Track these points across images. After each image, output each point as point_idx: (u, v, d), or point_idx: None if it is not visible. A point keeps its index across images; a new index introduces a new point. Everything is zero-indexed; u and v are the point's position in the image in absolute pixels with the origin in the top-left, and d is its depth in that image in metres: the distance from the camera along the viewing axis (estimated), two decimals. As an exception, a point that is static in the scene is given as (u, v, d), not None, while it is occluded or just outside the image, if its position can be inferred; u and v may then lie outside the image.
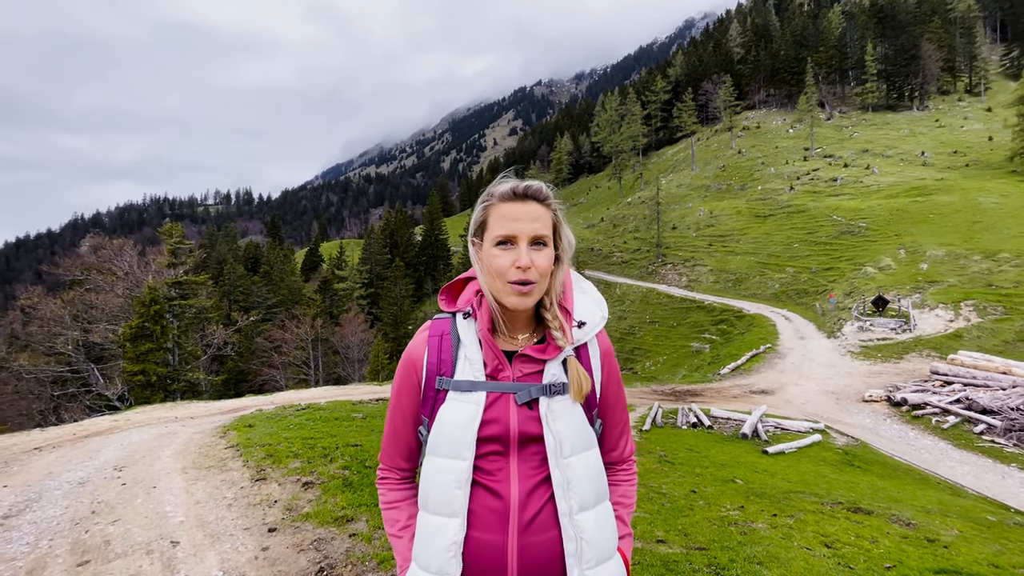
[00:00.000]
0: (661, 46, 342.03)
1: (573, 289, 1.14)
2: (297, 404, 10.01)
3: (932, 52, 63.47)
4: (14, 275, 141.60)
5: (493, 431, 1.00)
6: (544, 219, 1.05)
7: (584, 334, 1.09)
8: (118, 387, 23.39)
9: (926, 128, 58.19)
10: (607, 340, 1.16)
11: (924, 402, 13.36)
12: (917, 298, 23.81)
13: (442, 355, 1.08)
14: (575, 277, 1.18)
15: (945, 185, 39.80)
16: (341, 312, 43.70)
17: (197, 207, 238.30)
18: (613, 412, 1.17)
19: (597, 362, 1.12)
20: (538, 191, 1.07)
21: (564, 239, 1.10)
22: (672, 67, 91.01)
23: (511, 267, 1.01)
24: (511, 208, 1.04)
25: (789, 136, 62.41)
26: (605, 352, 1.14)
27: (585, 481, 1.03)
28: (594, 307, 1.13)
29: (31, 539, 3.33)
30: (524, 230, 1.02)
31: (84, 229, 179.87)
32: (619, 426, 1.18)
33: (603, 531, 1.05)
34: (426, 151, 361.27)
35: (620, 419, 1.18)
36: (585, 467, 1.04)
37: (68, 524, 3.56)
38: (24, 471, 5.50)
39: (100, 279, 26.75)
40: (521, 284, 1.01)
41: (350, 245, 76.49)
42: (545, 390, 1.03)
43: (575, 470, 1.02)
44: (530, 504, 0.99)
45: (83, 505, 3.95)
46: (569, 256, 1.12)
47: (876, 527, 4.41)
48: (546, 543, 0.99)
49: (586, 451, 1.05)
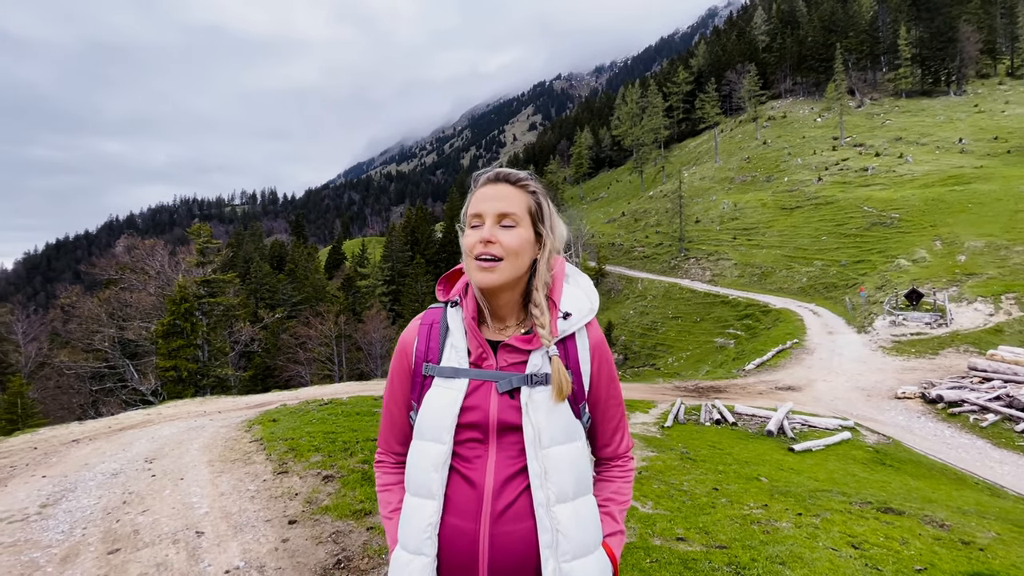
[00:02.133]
0: (683, 36, 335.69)
1: (564, 280, 1.14)
2: (320, 399, 10.20)
3: (970, 34, 60.61)
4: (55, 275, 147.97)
5: (472, 418, 1.02)
6: (514, 199, 1.07)
7: (570, 325, 1.08)
8: (152, 382, 24.26)
9: (964, 113, 55.70)
10: (598, 332, 1.13)
11: (961, 399, 12.86)
12: (954, 291, 22.88)
13: (430, 343, 1.11)
14: (570, 270, 1.18)
15: (985, 173, 38.08)
16: (364, 309, 44.34)
17: (224, 207, 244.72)
18: (605, 406, 1.14)
19: (586, 354, 1.10)
20: (510, 175, 1.10)
21: (547, 225, 1.10)
22: (694, 57, 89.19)
23: (476, 242, 1.05)
24: (483, 190, 1.09)
25: (817, 125, 60.56)
26: (595, 344, 1.12)
27: (564, 473, 1.01)
28: (583, 299, 1.12)
29: (66, 527, 3.46)
30: (489, 208, 1.06)
31: (119, 230, 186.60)
32: (613, 421, 1.16)
33: (582, 525, 1.02)
34: (446, 148, 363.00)
35: (614, 414, 1.15)
36: (565, 459, 1.02)
37: (101, 514, 3.69)
38: (62, 462, 5.74)
39: (133, 278, 27.73)
40: (485, 260, 1.03)
41: (372, 243, 77.49)
42: (527, 380, 1.03)
43: (553, 461, 1.01)
44: (504, 493, 1.00)
45: (115, 495, 4.09)
46: (556, 244, 1.12)
47: (907, 528, 4.26)
48: (520, 533, 0.99)
49: (567, 443, 1.03)
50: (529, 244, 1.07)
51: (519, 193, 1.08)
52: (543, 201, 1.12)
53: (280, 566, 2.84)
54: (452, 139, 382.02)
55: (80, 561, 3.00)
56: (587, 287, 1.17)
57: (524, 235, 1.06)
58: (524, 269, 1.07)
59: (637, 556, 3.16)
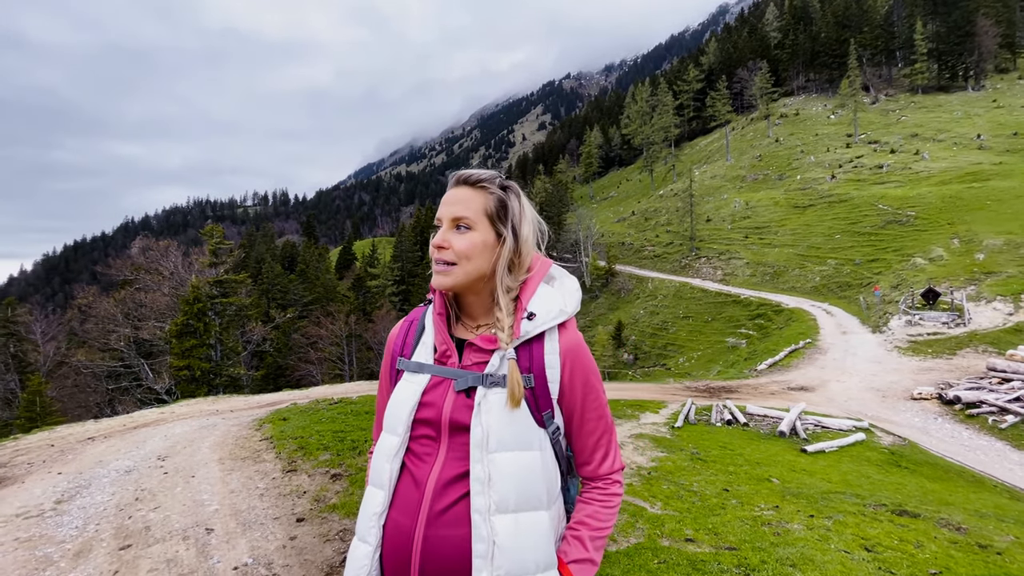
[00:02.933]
0: (693, 34, 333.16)
1: (544, 281, 1.10)
2: (330, 398, 10.27)
3: (989, 28, 59.40)
4: (73, 276, 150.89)
5: (427, 414, 1.02)
6: (469, 202, 1.05)
7: (534, 326, 1.02)
8: (166, 381, 24.64)
9: (982, 109, 54.60)
10: (573, 337, 1.05)
11: (980, 400, 12.61)
12: (972, 290, 22.44)
13: (407, 338, 1.14)
14: (556, 271, 1.14)
15: (1004, 169, 37.30)
16: (374, 309, 44.61)
17: (237, 208, 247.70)
18: (581, 419, 1.05)
19: (554, 358, 1.03)
20: (469, 176, 1.08)
21: (509, 225, 1.06)
22: (705, 55, 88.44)
23: (432, 247, 1.07)
24: (446, 194, 1.09)
25: (830, 122, 59.75)
26: (567, 349, 1.04)
27: (509, 481, 0.96)
28: (555, 299, 1.06)
29: (80, 523, 3.52)
30: (445, 212, 1.07)
31: (134, 232, 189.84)
32: (592, 436, 1.06)
33: (523, 541, 0.95)
34: (455, 148, 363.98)
35: (592, 428, 1.05)
36: (512, 466, 0.96)
37: (114, 510, 3.75)
38: (77, 459, 5.84)
39: (148, 279, 28.18)
40: (439, 264, 1.05)
41: (382, 243, 77.92)
42: (483, 380, 1.00)
43: (499, 467, 0.96)
44: (445, 495, 0.97)
45: (128, 492, 4.15)
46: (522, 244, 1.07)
47: (922, 531, 4.18)
48: (455, 540, 0.95)
49: (518, 450, 0.97)
50: (485, 247, 1.04)
51: (477, 195, 1.06)
52: (509, 200, 1.08)
53: (288, 563, 2.86)
54: (461, 139, 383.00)
55: (92, 556, 3.05)
56: (568, 289, 1.11)
57: (477, 238, 1.04)
58: (482, 271, 1.05)
59: (645, 557, 3.13)
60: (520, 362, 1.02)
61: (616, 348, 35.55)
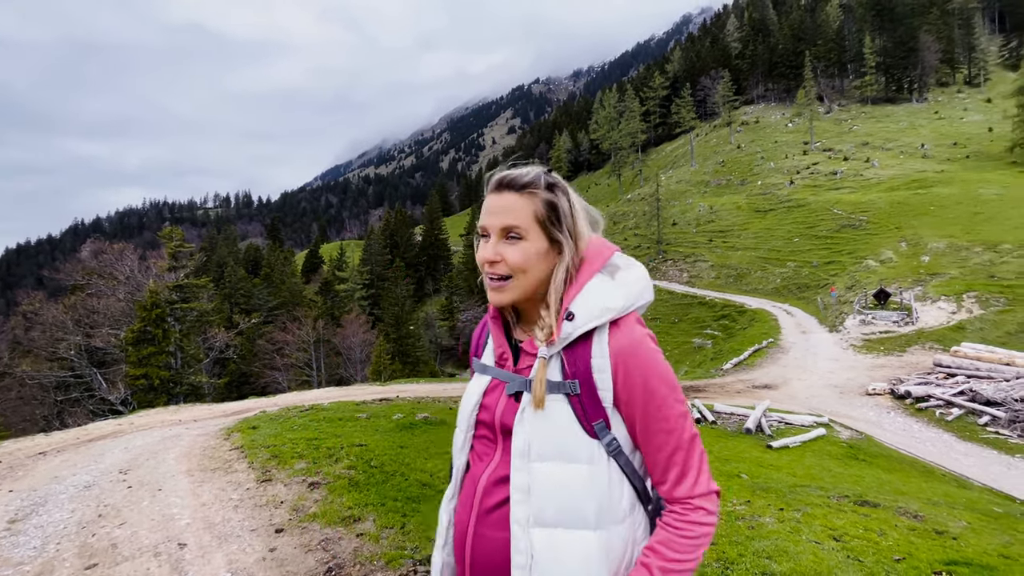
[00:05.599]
0: (659, 42, 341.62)
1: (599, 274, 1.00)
2: (301, 405, 10.01)
3: (931, 44, 63.32)
4: (15, 281, 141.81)
5: (484, 416, 1.02)
6: (519, 210, 0.96)
7: (574, 328, 0.94)
8: (121, 391, 23.43)
9: (926, 120, 58.08)
10: (629, 338, 0.94)
11: (928, 394, 13.35)
12: (919, 290, 23.78)
13: (480, 338, 1.14)
14: (619, 260, 1.04)
15: (946, 177, 39.74)
16: (342, 313, 43.74)
17: (197, 210, 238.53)
18: (645, 432, 0.93)
19: (604, 361, 0.93)
20: (514, 180, 0.99)
21: (566, 228, 0.98)
22: (670, 63, 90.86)
23: (483, 261, 0.99)
24: (488, 201, 1.00)
25: (788, 130, 62.31)
26: (619, 351, 0.93)
27: (547, 493, 0.90)
28: (602, 296, 0.96)
29: (38, 543, 3.32)
30: (493, 223, 0.98)
31: (85, 234, 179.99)
32: (662, 451, 0.92)
33: (562, 561, 0.89)
34: (425, 151, 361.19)
35: (661, 443, 0.92)
36: (551, 479, 0.91)
37: (75, 528, 3.56)
38: (29, 476, 5.50)
39: (102, 284, 26.79)
40: (492, 278, 0.98)
41: (350, 246, 76.51)
42: (527, 384, 0.96)
43: (538, 478, 0.91)
44: (492, 496, 0.97)
45: (89, 509, 3.94)
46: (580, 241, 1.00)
47: (884, 520, 4.40)
48: (498, 542, 0.95)
49: (560, 461, 0.91)
50: (539, 256, 0.97)
51: (524, 200, 0.97)
52: (559, 200, 0.99)
53: (269, 575, 2.78)
54: (431, 142, 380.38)
55: (55, 577, 2.89)
56: (626, 282, 0.99)
57: (531, 248, 0.96)
58: (540, 281, 0.98)
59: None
60: (567, 366, 0.95)
61: (587, 350, 35.97)
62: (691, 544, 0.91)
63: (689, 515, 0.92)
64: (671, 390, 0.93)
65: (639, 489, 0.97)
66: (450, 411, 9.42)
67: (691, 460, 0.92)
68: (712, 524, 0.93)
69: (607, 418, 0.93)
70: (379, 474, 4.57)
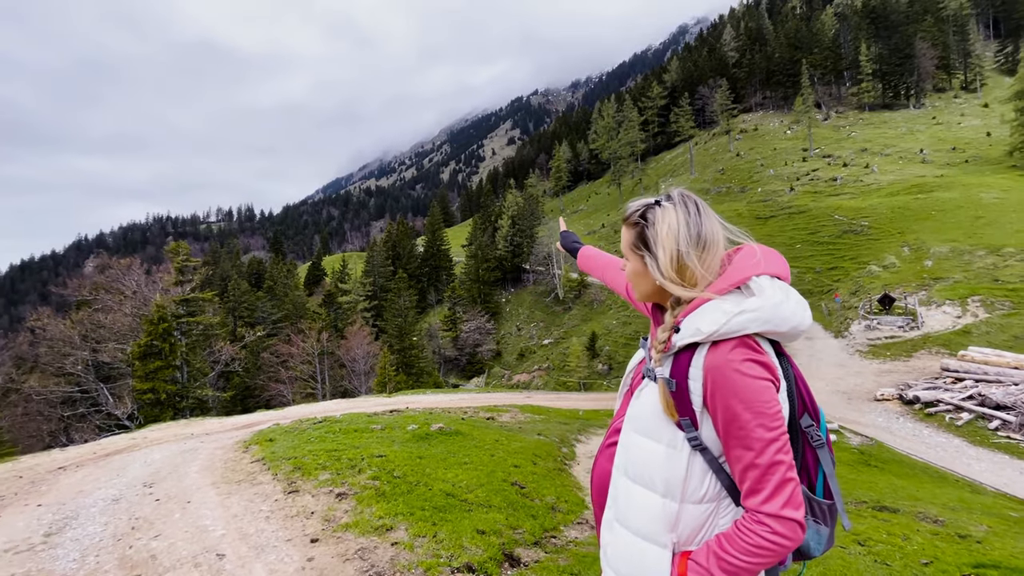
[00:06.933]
0: (656, 52, 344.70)
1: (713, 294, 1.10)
2: (313, 417, 10.05)
3: (926, 50, 63.90)
4: (19, 297, 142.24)
5: (631, 383, 1.30)
6: (623, 238, 1.27)
7: (678, 339, 1.11)
8: (128, 406, 23.45)
9: (923, 126, 58.43)
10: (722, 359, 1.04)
11: (936, 399, 13.33)
12: (923, 295, 23.80)
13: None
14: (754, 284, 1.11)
15: (946, 182, 39.89)
16: (346, 325, 43.73)
17: (200, 225, 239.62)
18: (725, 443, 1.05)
19: (698, 372, 1.07)
20: (625, 213, 1.27)
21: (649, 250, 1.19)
22: (668, 73, 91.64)
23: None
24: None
25: (787, 137, 62.70)
26: (710, 367, 1.05)
27: (630, 455, 1.18)
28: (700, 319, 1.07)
29: (77, 555, 3.38)
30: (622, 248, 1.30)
31: (88, 250, 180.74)
32: (737, 464, 1.03)
33: (629, 503, 1.16)
34: (425, 163, 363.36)
35: (737, 457, 1.03)
36: (636, 447, 1.17)
37: (111, 540, 3.61)
38: (53, 490, 5.55)
39: (108, 298, 26.91)
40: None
41: (352, 258, 76.75)
42: (647, 372, 1.21)
43: (629, 446, 1.19)
44: (610, 438, 1.29)
45: (122, 521, 4.00)
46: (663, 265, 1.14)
47: (905, 525, 4.44)
48: (604, 471, 1.28)
49: (645, 437, 1.15)
50: (638, 275, 1.23)
51: (626, 231, 1.26)
52: (647, 230, 1.19)
53: (308, 585, 2.83)
54: (431, 153, 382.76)
55: (98, 589, 2.94)
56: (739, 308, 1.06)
57: (630, 269, 1.26)
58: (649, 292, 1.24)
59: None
60: (672, 366, 1.13)
61: (591, 359, 35.91)
62: (747, 548, 1.00)
63: (752, 525, 1.01)
64: (754, 416, 1.00)
65: (727, 486, 1.09)
66: (462, 422, 9.46)
67: (764, 481, 1.00)
68: (776, 544, 0.98)
69: (694, 417, 1.09)
70: (403, 484, 4.61)
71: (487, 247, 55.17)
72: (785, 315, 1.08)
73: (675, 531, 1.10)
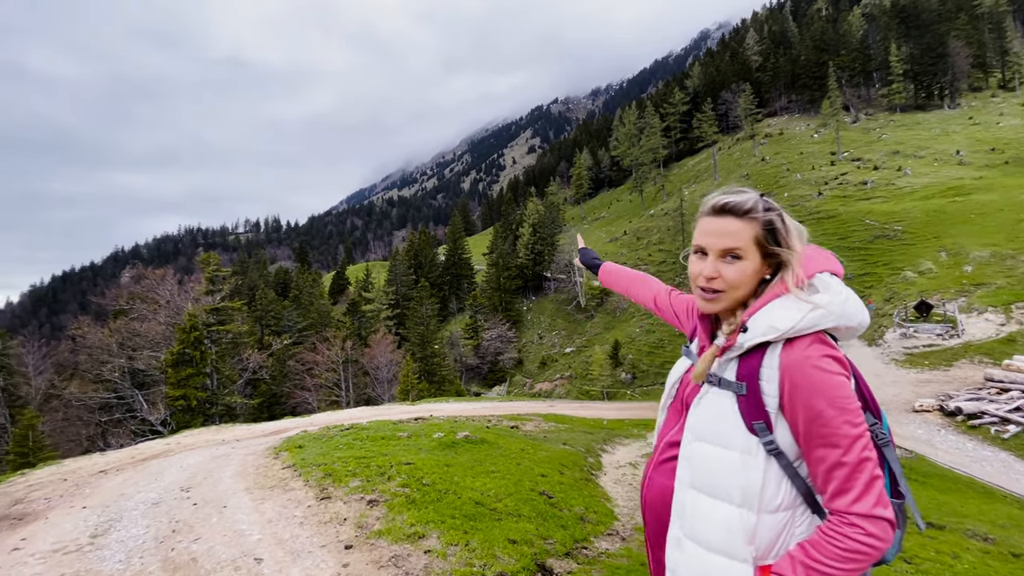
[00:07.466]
0: (676, 58, 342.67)
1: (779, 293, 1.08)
2: (340, 425, 10.18)
3: (961, 49, 61.92)
4: (61, 306, 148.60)
5: (680, 390, 1.26)
6: (739, 234, 1.10)
7: (746, 339, 1.07)
8: (161, 412, 24.18)
9: (959, 126, 56.47)
10: (802, 355, 1.02)
11: (980, 411, 12.77)
12: (963, 301, 22.87)
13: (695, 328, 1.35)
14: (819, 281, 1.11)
15: (985, 184, 38.42)
16: (369, 333, 44.33)
17: (228, 236, 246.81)
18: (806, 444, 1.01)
19: (772, 373, 1.04)
20: (736, 207, 1.11)
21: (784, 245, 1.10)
22: (689, 78, 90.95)
23: (699, 275, 1.15)
24: (707, 222, 1.16)
25: (814, 141, 61.38)
26: (788, 366, 1.02)
27: (703, 468, 1.10)
28: (773, 316, 1.05)
29: (123, 556, 3.49)
30: (714, 244, 1.13)
31: (124, 261, 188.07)
32: (821, 464, 0.99)
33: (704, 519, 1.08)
34: (446, 172, 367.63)
35: (821, 456, 0.99)
36: (704, 457, 1.09)
37: (153, 543, 3.72)
38: (96, 493, 5.75)
39: (143, 308, 27.90)
40: (705, 291, 1.15)
41: (376, 267, 77.92)
42: (708, 377, 1.15)
43: (695, 454, 1.12)
44: (666, 452, 1.23)
45: (163, 524, 4.12)
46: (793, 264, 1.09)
47: (953, 542, 4.25)
48: (662, 487, 1.21)
49: (716, 445, 1.07)
50: (754, 274, 1.11)
51: (746, 225, 1.10)
52: (776, 222, 1.11)
53: (344, 591, 2.86)
54: (452, 163, 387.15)
55: (143, 590, 3.03)
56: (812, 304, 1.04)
57: (748, 268, 1.10)
58: (746, 296, 1.12)
59: None
60: (739, 370, 1.09)
61: (613, 367, 35.54)
62: (838, 553, 0.95)
63: (842, 528, 0.96)
64: (838, 412, 0.98)
65: (803, 492, 1.05)
66: (487, 430, 9.45)
67: (853, 480, 0.96)
68: (869, 546, 0.95)
69: (769, 421, 1.05)
70: (432, 492, 4.64)
71: (508, 255, 55.37)
72: (852, 311, 1.09)
73: (753, 543, 1.03)
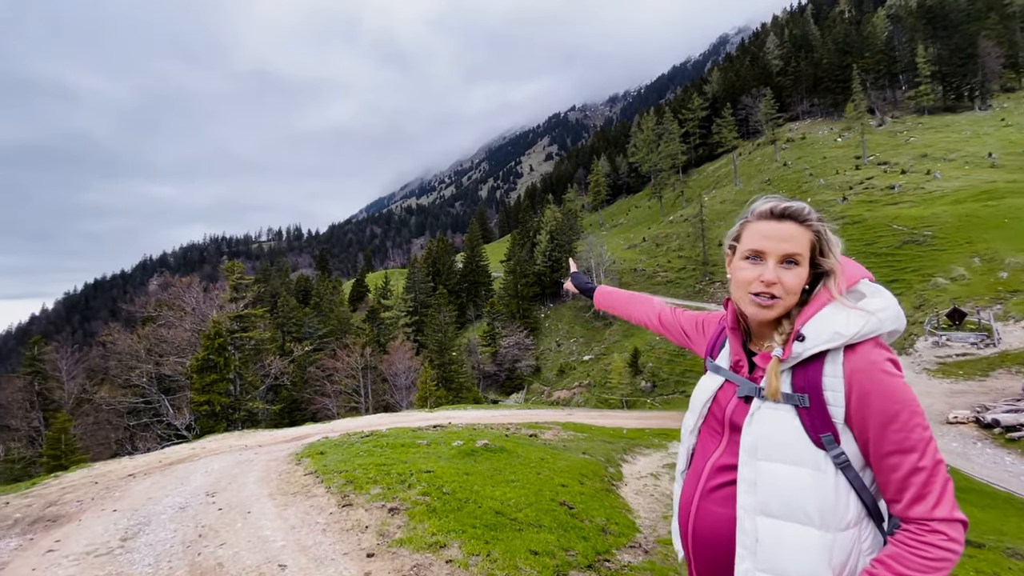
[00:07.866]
0: (695, 64, 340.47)
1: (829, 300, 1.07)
2: (360, 431, 10.27)
3: (991, 49, 60.18)
4: (92, 314, 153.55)
5: (715, 409, 1.18)
6: (800, 238, 1.08)
7: (804, 348, 1.03)
8: (186, 417, 24.72)
9: (991, 128, 54.75)
10: (868, 360, 1.00)
11: (1019, 423, 12.27)
12: (999, 309, 22.06)
13: (717, 340, 1.31)
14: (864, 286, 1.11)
15: (1019, 187, 37.11)
16: (388, 340, 44.74)
17: (251, 244, 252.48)
18: (879, 451, 0.97)
19: (836, 381, 1.00)
20: (797, 212, 1.09)
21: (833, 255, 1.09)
22: (708, 84, 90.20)
23: (755, 280, 1.09)
24: (765, 226, 1.11)
25: (838, 145, 60.18)
26: (855, 371, 0.99)
27: (772, 489, 1.01)
28: (835, 321, 1.03)
29: (151, 560, 3.56)
30: (774, 248, 1.08)
31: (152, 269, 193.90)
32: (897, 471, 0.95)
33: (784, 548, 0.99)
34: (464, 180, 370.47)
35: (897, 463, 0.95)
36: (777, 477, 1.01)
37: (180, 547, 3.79)
38: (126, 497, 5.89)
39: (170, 315, 28.65)
40: (762, 296, 1.09)
41: (394, 275, 78.72)
42: (758, 392, 1.09)
43: (765, 475, 1.03)
44: (717, 477, 1.12)
45: (189, 529, 4.19)
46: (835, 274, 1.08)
47: (993, 561, 4.07)
48: (721, 516, 1.10)
49: (786, 463, 1.01)
50: (804, 280, 1.09)
51: (803, 231, 1.08)
52: (824, 231, 1.09)
53: (366, 599, 2.86)
54: (470, 171, 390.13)
55: (171, 594, 3.08)
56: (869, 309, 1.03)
57: (803, 274, 1.08)
58: (795, 302, 1.09)
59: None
60: (795, 381, 1.05)
61: (633, 376, 35.13)
62: (923, 564, 0.91)
63: (925, 536, 0.92)
64: (912, 415, 0.96)
65: (868, 504, 1.02)
66: (506, 439, 9.42)
67: (932, 484, 0.93)
68: (953, 552, 0.91)
69: (835, 432, 1.00)
70: (453, 501, 4.63)
71: (526, 262, 55.39)
72: (901, 315, 1.08)
73: (831, 566, 0.97)
